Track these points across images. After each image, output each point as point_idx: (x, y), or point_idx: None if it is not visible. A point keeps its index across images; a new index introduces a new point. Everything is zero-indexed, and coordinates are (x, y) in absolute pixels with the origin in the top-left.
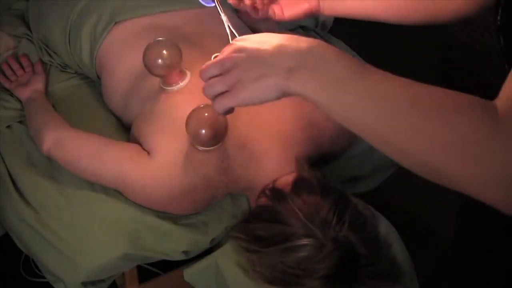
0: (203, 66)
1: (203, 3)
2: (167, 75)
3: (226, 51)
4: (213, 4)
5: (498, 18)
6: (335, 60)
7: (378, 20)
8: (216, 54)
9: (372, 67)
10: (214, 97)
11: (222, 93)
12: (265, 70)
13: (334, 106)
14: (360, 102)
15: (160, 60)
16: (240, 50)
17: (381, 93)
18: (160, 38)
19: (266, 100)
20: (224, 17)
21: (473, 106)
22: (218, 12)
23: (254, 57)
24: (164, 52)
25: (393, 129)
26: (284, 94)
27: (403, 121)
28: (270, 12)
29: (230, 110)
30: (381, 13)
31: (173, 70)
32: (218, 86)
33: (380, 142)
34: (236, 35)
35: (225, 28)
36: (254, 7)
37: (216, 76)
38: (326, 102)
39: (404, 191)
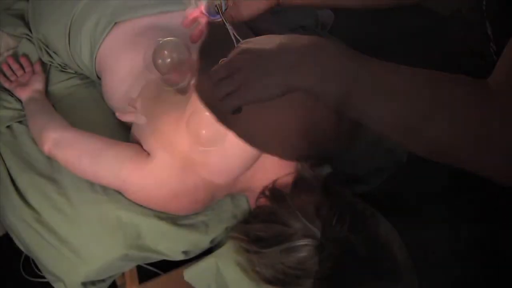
0: (212, 69)
1: (210, 16)
2: (171, 75)
3: (233, 54)
4: (218, 17)
5: (484, 3)
6: (334, 52)
7: (343, 8)
8: (223, 59)
9: (369, 57)
10: (223, 97)
11: (230, 93)
12: (269, 69)
13: (334, 96)
14: (359, 90)
15: (169, 60)
16: (245, 52)
17: (379, 80)
18: (171, 38)
19: (271, 97)
20: (229, 27)
21: (464, 80)
22: (224, 22)
23: (258, 57)
24: (174, 54)
25: (391, 111)
26: (288, 90)
27: (400, 102)
28: (227, 16)
29: (238, 110)
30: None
31: (179, 70)
32: (226, 86)
33: (380, 126)
34: (240, 40)
35: (227, 31)
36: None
37: (224, 77)
38: (326, 94)
39: (403, 191)
